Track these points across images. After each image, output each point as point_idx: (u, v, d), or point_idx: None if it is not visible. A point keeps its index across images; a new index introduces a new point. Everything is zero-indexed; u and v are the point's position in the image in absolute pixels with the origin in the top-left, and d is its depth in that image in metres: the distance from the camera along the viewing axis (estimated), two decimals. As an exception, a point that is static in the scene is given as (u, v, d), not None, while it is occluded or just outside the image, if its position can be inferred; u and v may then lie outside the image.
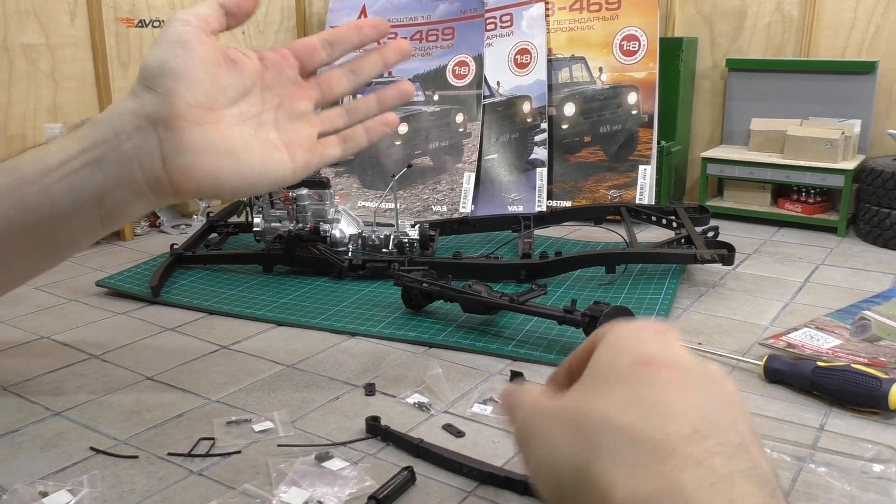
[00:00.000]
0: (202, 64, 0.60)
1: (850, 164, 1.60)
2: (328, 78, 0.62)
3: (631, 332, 0.40)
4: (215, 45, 0.61)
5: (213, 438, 0.64)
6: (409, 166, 1.55)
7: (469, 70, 1.85)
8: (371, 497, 0.53)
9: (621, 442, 0.35)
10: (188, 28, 0.60)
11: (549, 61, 1.77)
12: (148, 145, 0.61)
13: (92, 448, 0.63)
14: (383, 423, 0.67)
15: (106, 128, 0.61)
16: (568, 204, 1.67)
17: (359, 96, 0.60)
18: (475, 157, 1.74)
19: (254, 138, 0.63)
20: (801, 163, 1.63)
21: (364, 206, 1.77)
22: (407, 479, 0.56)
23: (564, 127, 1.73)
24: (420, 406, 0.70)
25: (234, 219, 1.46)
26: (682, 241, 1.17)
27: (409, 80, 1.91)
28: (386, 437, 0.64)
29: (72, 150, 0.61)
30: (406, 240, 1.18)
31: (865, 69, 1.71)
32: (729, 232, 1.44)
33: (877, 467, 0.57)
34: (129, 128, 0.60)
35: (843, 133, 1.60)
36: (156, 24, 2.03)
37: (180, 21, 0.60)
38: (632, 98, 1.68)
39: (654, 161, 1.63)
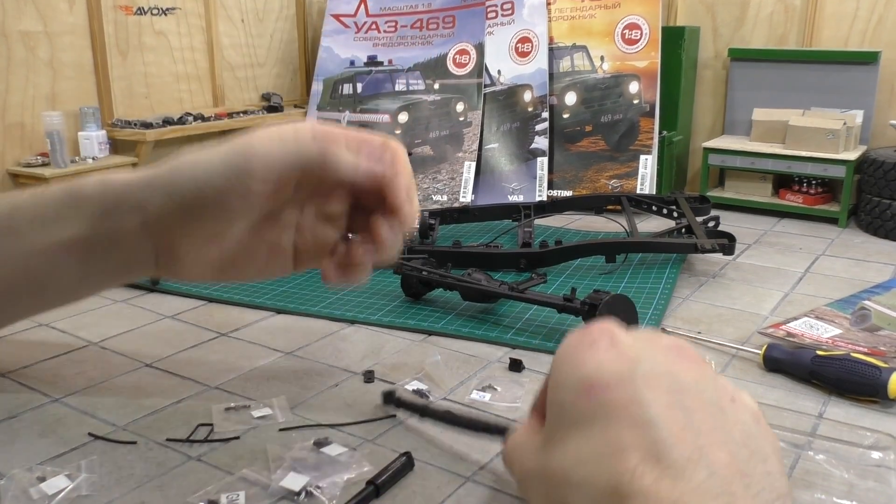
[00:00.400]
0: (229, 216, 0.57)
1: (852, 155, 1.60)
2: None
3: (567, 355, 0.40)
4: (262, 200, 0.56)
5: (211, 424, 0.64)
6: (410, 154, 1.54)
7: (470, 59, 1.85)
8: (369, 482, 0.53)
9: (585, 500, 0.35)
10: (240, 186, 0.53)
11: (551, 50, 1.76)
12: (141, 253, 0.60)
13: (90, 434, 0.63)
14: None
15: (103, 213, 0.59)
16: (569, 193, 1.67)
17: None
18: (476, 146, 1.73)
19: (260, 245, 0.60)
20: (803, 153, 1.63)
21: (364, 196, 1.76)
22: (405, 465, 0.56)
23: (565, 116, 1.73)
24: (419, 393, 0.70)
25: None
26: (683, 230, 1.17)
27: (410, 68, 1.91)
28: (399, 405, 0.65)
29: (73, 229, 0.60)
30: (406, 228, 1.18)
31: (868, 59, 1.70)
32: (730, 222, 1.44)
33: (875, 455, 0.57)
34: (126, 226, 0.59)
35: (844, 123, 1.60)
36: (154, 11, 2.02)
37: (241, 168, 0.53)
38: (633, 87, 1.68)
39: (655, 151, 1.63)
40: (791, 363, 0.75)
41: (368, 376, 0.73)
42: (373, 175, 0.56)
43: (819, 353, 0.74)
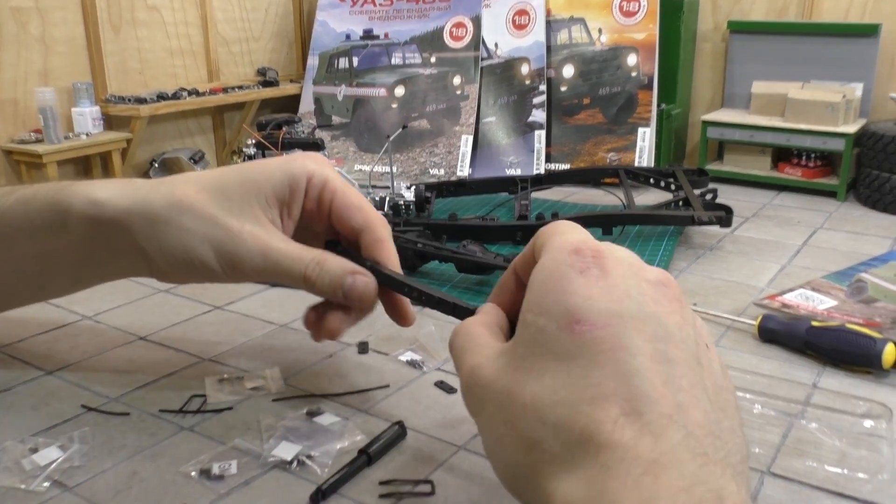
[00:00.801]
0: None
1: (852, 128, 1.59)
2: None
3: (553, 277, 0.38)
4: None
5: (204, 396, 0.64)
6: (405, 127, 1.53)
7: (466, 31, 1.83)
8: (361, 451, 0.53)
9: (556, 442, 0.34)
10: (220, 272, 0.57)
11: (548, 22, 1.75)
12: (137, 266, 0.62)
13: (83, 406, 0.63)
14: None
15: (102, 242, 0.60)
16: (566, 167, 1.66)
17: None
18: (473, 119, 1.72)
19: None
20: (802, 126, 1.62)
21: (361, 170, 1.76)
22: (398, 434, 0.56)
23: (563, 89, 1.72)
24: (413, 364, 0.70)
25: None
26: (680, 203, 1.16)
27: (406, 41, 1.89)
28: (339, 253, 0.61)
29: (67, 243, 0.62)
30: (402, 202, 1.17)
31: (868, 32, 1.69)
32: (728, 196, 1.43)
33: (867, 423, 0.57)
34: (117, 248, 0.60)
35: (844, 96, 1.59)
36: (148, -16, 1.99)
37: (224, 261, 0.56)
38: (631, 60, 1.66)
39: (653, 124, 1.62)
40: (786, 334, 0.75)
41: (362, 347, 0.73)
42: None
43: (814, 323, 0.74)
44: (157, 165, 1.88)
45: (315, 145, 1.25)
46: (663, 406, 0.32)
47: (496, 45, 1.80)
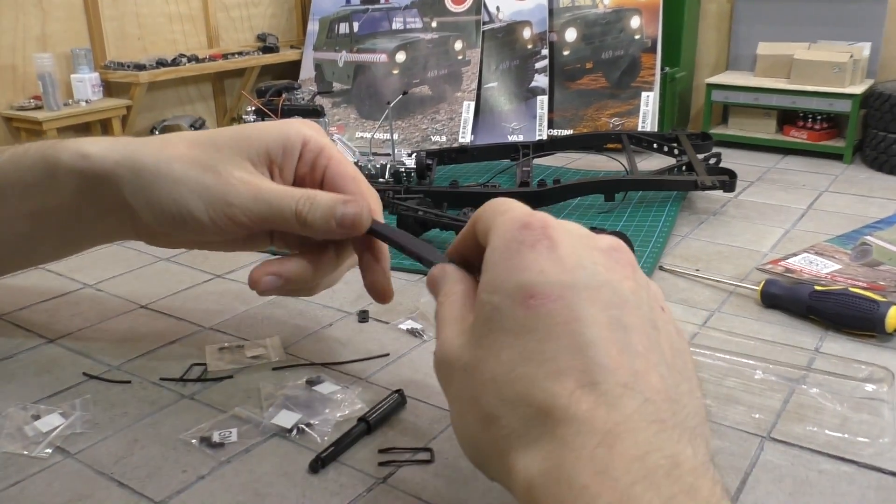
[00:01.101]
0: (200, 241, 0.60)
1: (858, 89, 1.56)
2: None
3: (503, 254, 0.38)
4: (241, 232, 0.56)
5: (204, 364, 0.64)
6: (405, 93, 1.52)
7: (468, -6, 1.80)
8: (361, 419, 0.53)
9: (515, 418, 0.34)
10: (211, 228, 0.55)
11: (551, -16, 1.72)
12: (122, 227, 0.62)
13: (85, 374, 0.63)
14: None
15: (90, 196, 0.59)
16: (569, 132, 1.65)
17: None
18: (474, 85, 1.70)
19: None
20: (808, 88, 1.59)
21: (362, 138, 1.75)
22: (398, 402, 0.56)
23: (566, 53, 1.69)
24: (413, 332, 0.70)
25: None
26: (683, 167, 1.15)
27: (406, 6, 1.86)
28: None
29: (57, 199, 0.62)
30: (402, 169, 1.17)
31: (877, -11, 1.65)
32: (733, 160, 1.42)
33: (869, 387, 0.57)
34: (104, 206, 0.60)
35: (851, 56, 1.56)
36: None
37: (212, 216, 0.53)
38: (635, 22, 1.64)
39: (657, 87, 1.60)
40: (789, 299, 0.75)
41: (363, 316, 0.73)
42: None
43: (817, 288, 0.73)
44: (157, 133, 1.87)
45: (315, 112, 1.24)
46: (619, 375, 0.32)
47: (498, 8, 1.77)
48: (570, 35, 1.71)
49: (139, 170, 0.54)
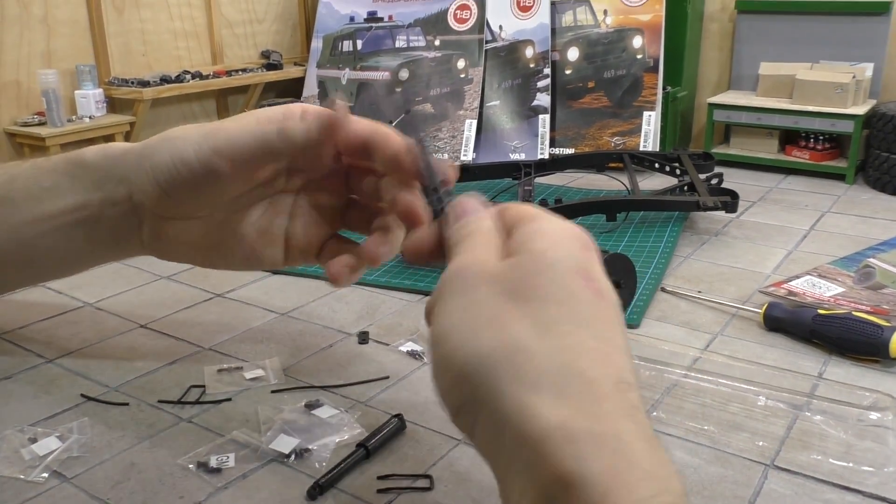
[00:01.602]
0: (214, 200, 0.55)
1: (861, 110, 1.56)
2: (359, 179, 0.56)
3: (565, 235, 0.37)
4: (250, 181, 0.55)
5: (203, 386, 0.64)
6: (407, 112, 1.52)
7: (471, 14, 1.81)
8: (360, 444, 0.53)
9: (548, 371, 0.32)
10: (214, 181, 0.52)
11: (553, 4, 1.72)
12: (128, 224, 0.60)
13: (83, 395, 0.63)
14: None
15: (96, 184, 0.59)
16: (571, 151, 1.65)
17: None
18: (477, 103, 1.71)
19: (249, 229, 0.57)
20: (811, 108, 1.60)
21: (364, 154, 1.74)
22: (397, 427, 0.56)
23: (568, 72, 1.70)
24: (413, 354, 0.70)
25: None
26: (685, 188, 1.15)
27: (410, 24, 1.87)
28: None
29: (66, 199, 0.60)
30: (404, 187, 1.16)
31: (879, 10, 1.66)
32: (735, 179, 1.41)
33: (873, 415, 0.57)
34: (115, 196, 0.59)
35: (854, 77, 1.56)
36: (149, -34, 1.97)
37: (211, 166, 0.51)
38: (637, 42, 1.64)
39: (659, 107, 1.60)
40: (792, 322, 0.74)
41: (363, 337, 0.73)
42: (327, 129, 0.52)
43: (820, 311, 0.73)
44: (160, 149, 1.88)
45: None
46: (631, 382, 0.33)
47: (501, 27, 1.78)
48: (573, 54, 1.71)
49: (146, 144, 0.56)
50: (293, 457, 0.53)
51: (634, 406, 0.31)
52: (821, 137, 1.62)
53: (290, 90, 2.30)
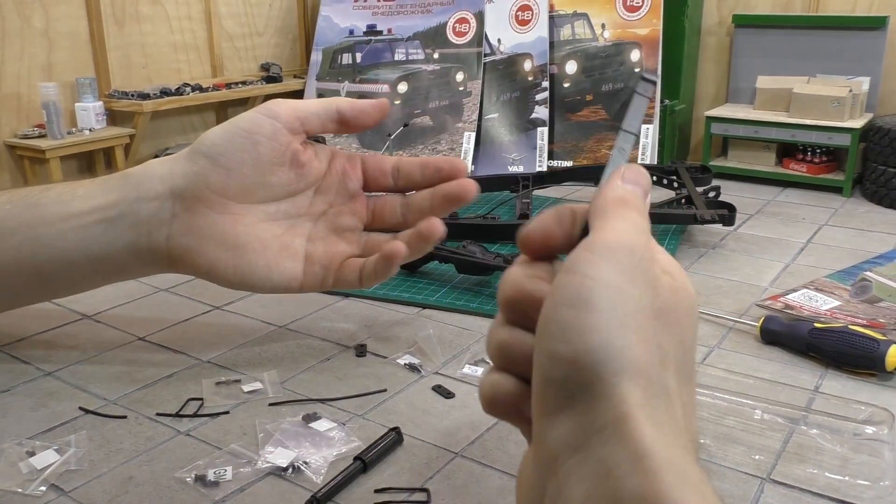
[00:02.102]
0: (256, 162, 0.61)
1: (858, 123, 1.57)
2: (383, 206, 0.63)
3: (562, 325, 0.31)
4: (289, 146, 0.62)
5: (201, 399, 0.64)
6: (406, 125, 1.53)
7: (469, 27, 1.82)
8: (357, 458, 0.53)
9: (681, 428, 0.30)
10: (268, 123, 0.62)
11: (551, 18, 1.74)
12: (160, 216, 0.62)
13: (81, 408, 0.63)
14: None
15: (133, 186, 0.62)
16: (569, 164, 1.66)
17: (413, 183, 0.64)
18: (475, 116, 1.71)
19: (273, 240, 0.62)
20: (808, 122, 1.60)
21: (363, 167, 1.75)
22: (394, 441, 0.56)
23: (566, 85, 1.71)
24: (411, 367, 0.70)
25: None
26: (683, 201, 1.15)
27: (409, 37, 1.88)
28: None
29: (96, 201, 0.62)
30: (403, 200, 1.17)
31: (875, 25, 1.67)
32: (732, 192, 1.42)
33: (869, 429, 0.57)
34: (152, 193, 0.61)
35: (850, 91, 1.57)
36: (150, -20, 1.99)
37: (267, 113, 0.62)
38: (635, 55, 1.65)
39: (657, 120, 1.61)
40: (788, 336, 0.75)
41: (360, 350, 0.73)
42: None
43: (817, 325, 0.73)
44: (159, 161, 1.88)
45: (318, 141, 1.24)
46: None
47: (499, 40, 1.79)
48: (571, 67, 1.72)
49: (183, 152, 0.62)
50: (290, 470, 0.53)
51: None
52: (818, 151, 1.62)
53: (290, 103, 2.31)
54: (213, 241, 0.60)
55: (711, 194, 1.19)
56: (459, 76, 1.80)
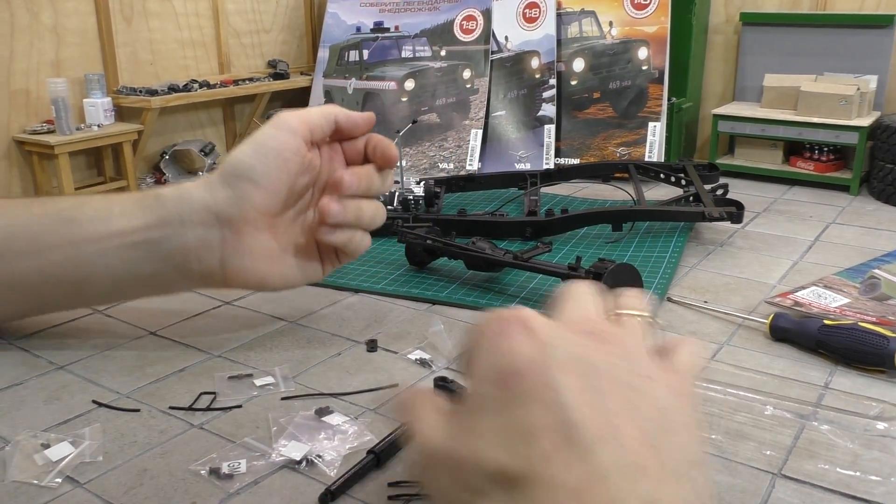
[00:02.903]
0: (288, 176, 0.67)
1: (865, 121, 1.57)
2: (340, 183, 0.68)
3: (480, 345, 0.38)
4: (306, 155, 0.67)
5: (214, 393, 0.64)
6: (414, 122, 1.53)
7: (477, 25, 1.82)
8: (370, 451, 0.53)
9: (497, 487, 0.34)
10: (292, 139, 0.67)
11: (559, 15, 1.74)
12: (210, 242, 0.66)
13: (94, 401, 0.64)
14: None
15: (174, 210, 0.65)
16: (576, 161, 1.66)
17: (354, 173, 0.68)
18: (482, 113, 1.72)
19: (298, 240, 0.68)
20: (815, 119, 1.60)
21: (370, 163, 1.75)
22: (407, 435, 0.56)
23: (573, 83, 1.71)
24: (421, 362, 0.70)
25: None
26: (691, 198, 1.15)
27: (416, 34, 1.88)
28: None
29: (136, 221, 0.65)
30: (411, 197, 1.17)
31: (883, 23, 1.67)
32: (740, 190, 1.42)
33: (880, 425, 0.57)
34: (197, 219, 0.64)
35: (858, 89, 1.57)
36: (158, -24, 1.99)
37: (286, 129, 0.67)
38: (642, 53, 1.65)
39: (664, 118, 1.61)
40: (798, 333, 0.75)
41: (371, 345, 0.73)
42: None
43: (826, 322, 0.73)
44: (167, 157, 1.88)
45: (325, 139, 1.25)
46: (593, 429, 0.33)
47: (506, 38, 1.79)
48: (578, 65, 1.72)
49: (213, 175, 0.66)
50: (304, 463, 0.54)
51: (569, 458, 0.32)
52: (825, 149, 1.62)
53: (297, 99, 2.31)
54: (262, 257, 0.67)
55: (719, 192, 1.19)
56: (466, 73, 1.81)
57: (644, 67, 1.66)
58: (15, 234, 0.66)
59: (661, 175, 1.31)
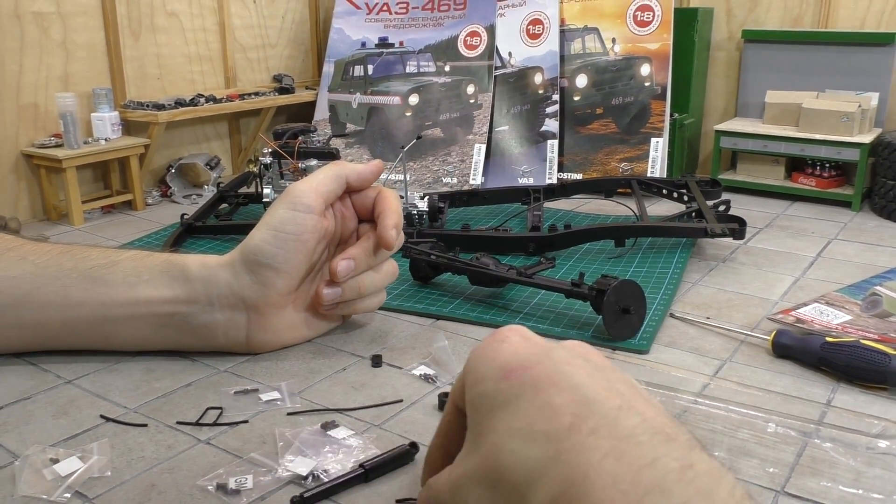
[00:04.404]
0: (307, 256, 0.70)
1: (867, 138, 1.58)
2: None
3: (480, 355, 0.41)
4: (323, 226, 0.70)
5: (220, 408, 0.65)
6: (419, 138, 1.54)
7: (481, 41, 1.84)
8: (360, 465, 0.54)
9: (522, 468, 0.35)
10: (309, 219, 0.68)
11: (562, 32, 1.75)
12: (237, 322, 0.70)
13: (102, 416, 0.64)
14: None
15: (202, 291, 0.68)
16: (579, 177, 1.67)
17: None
18: (486, 128, 1.73)
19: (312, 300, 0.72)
20: (817, 136, 1.61)
21: (374, 178, 1.76)
22: (406, 452, 0.56)
23: (576, 99, 1.72)
24: (426, 378, 0.71)
25: (244, 189, 1.47)
26: (693, 214, 1.16)
27: (420, 50, 1.90)
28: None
29: (164, 291, 0.69)
30: (415, 212, 1.18)
31: (884, 41, 1.68)
32: (742, 206, 1.43)
33: (882, 443, 0.57)
34: (225, 302, 0.68)
35: (859, 106, 1.58)
36: (166, -8, 2.01)
37: (303, 209, 0.69)
38: (645, 69, 1.66)
39: (666, 134, 1.62)
40: (800, 350, 0.75)
41: (376, 361, 0.74)
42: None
43: (828, 339, 0.74)
44: (173, 171, 1.89)
45: (331, 155, 1.26)
46: (611, 401, 0.34)
47: (510, 54, 1.80)
48: (581, 81, 1.73)
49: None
50: (310, 478, 0.54)
51: (592, 431, 0.34)
52: (827, 165, 1.63)
53: (302, 114, 2.33)
54: (286, 328, 0.73)
55: (721, 208, 1.20)
56: (470, 89, 1.82)
57: (647, 84, 1.68)
58: (43, 285, 0.68)
59: (664, 191, 1.32)
